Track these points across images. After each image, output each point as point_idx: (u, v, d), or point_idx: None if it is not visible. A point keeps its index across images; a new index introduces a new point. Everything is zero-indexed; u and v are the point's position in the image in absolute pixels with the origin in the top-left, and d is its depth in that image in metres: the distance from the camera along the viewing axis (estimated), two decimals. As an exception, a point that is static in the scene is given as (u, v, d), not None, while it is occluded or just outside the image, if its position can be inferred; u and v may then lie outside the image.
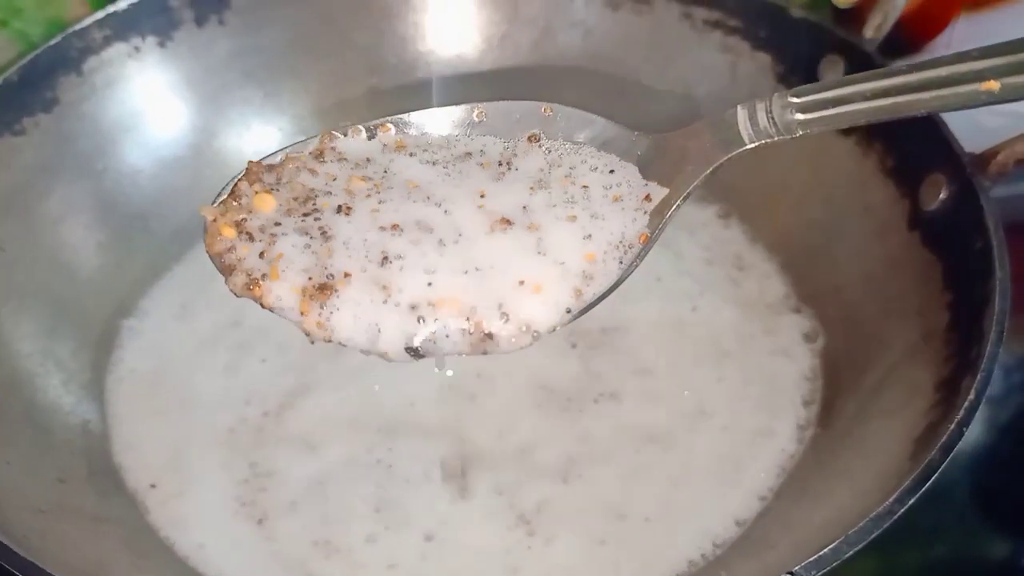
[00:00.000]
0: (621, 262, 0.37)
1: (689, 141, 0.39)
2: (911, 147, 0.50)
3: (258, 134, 0.62)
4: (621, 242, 0.37)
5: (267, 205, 0.37)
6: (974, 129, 0.49)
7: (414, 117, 0.42)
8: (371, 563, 0.45)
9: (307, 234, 0.36)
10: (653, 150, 0.40)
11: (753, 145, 0.38)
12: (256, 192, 0.37)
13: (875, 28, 0.54)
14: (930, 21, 0.79)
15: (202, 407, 0.52)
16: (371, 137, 0.41)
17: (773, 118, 0.37)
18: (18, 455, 0.44)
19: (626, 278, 0.37)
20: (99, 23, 0.55)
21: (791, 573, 0.33)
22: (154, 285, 0.57)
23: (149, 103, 0.58)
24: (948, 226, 0.47)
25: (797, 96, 0.37)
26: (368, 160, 0.40)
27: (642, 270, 0.44)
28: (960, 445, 0.35)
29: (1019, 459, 0.60)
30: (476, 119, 0.42)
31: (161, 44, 0.58)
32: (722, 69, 0.60)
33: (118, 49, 0.56)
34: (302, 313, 0.34)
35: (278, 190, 0.38)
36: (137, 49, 0.57)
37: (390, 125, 0.41)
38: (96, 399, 0.52)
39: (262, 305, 0.35)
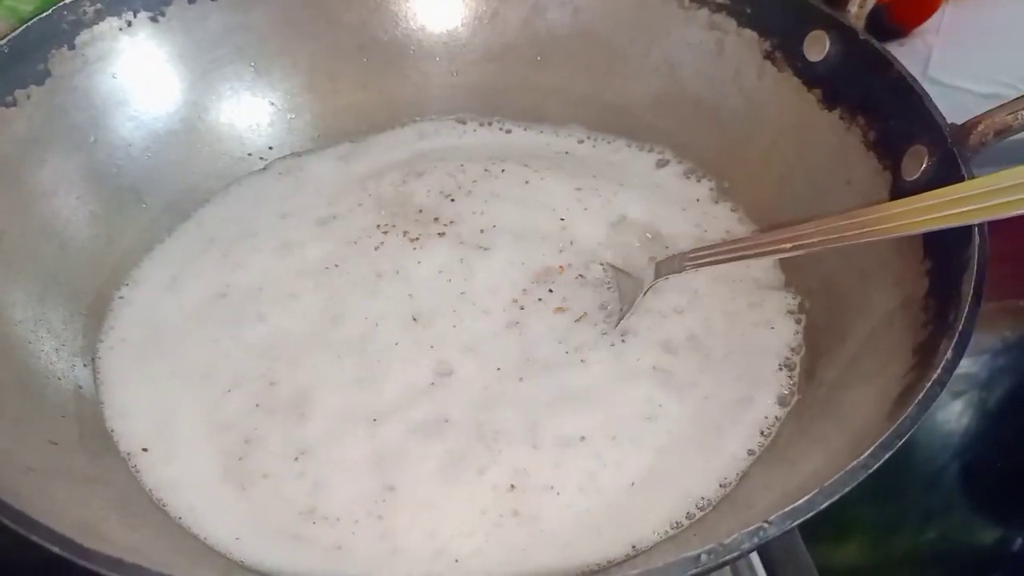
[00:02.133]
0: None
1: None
2: (894, 120, 0.51)
3: (249, 109, 0.62)
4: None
5: None
6: (954, 106, 0.49)
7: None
8: (360, 531, 0.46)
9: None
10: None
11: (659, 280, 0.54)
12: None
13: (858, 5, 0.54)
14: (918, 6, 0.79)
15: (191, 376, 0.52)
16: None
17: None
18: (8, 417, 0.45)
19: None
20: (91, -4, 0.55)
21: (767, 522, 0.33)
22: (145, 256, 0.58)
23: (141, 77, 0.59)
24: (930, 197, 0.47)
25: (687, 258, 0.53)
26: None
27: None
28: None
29: (1007, 444, 0.61)
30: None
31: (153, 19, 0.59)
32: (709, 46, 0.61)
33: (110, 23, 0.57)
34: None
35: None
36: (129, 23, 0.58)
37: None
38: (88, 366, 0.52)
39: None
